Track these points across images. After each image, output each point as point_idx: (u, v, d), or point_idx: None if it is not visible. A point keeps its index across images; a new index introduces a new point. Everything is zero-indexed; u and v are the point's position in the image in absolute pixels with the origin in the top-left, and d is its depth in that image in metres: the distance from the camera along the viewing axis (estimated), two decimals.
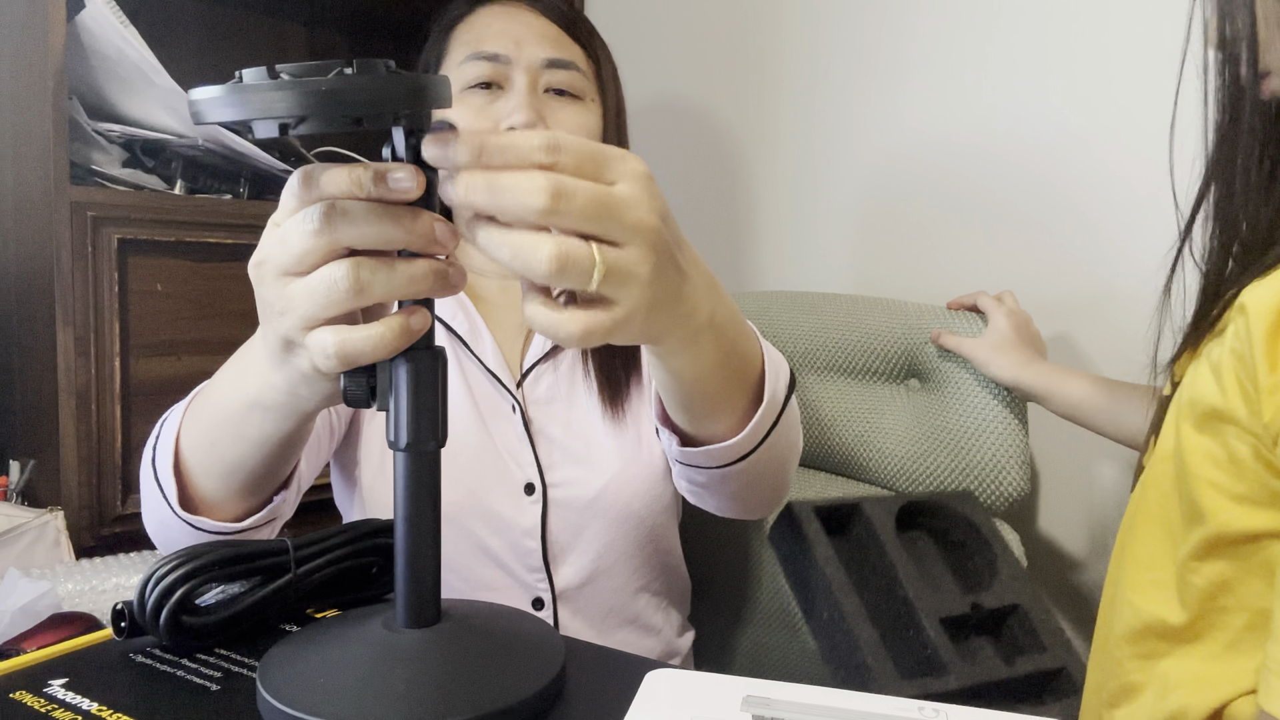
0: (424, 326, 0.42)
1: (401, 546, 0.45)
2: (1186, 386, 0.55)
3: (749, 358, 0.59)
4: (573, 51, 0.87)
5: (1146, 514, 0.58)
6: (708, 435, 0.63)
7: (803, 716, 0.39)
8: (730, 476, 0.66)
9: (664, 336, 0.49)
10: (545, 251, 0.39)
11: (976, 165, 1.11)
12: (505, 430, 0.83)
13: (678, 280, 0.46)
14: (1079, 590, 1.06)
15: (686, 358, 0.52)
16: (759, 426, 0.61)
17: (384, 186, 0.40)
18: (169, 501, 0.60)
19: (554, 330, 0.42)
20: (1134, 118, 0.98)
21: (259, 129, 0.38)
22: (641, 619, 0.88)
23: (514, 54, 0.83)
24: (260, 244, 0.44)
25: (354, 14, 1.50)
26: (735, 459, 0.63)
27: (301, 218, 0.41)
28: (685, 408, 0.60)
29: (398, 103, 0.38)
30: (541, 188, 0.39)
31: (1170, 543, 0.55)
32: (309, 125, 0.37)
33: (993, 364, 0.92)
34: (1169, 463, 0.55)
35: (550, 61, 0.84)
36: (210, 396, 0.58)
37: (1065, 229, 1.04)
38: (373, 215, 0.41)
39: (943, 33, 1.13)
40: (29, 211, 1.02)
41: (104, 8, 0.98)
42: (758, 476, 0.67)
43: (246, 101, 0.37)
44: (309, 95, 0.36)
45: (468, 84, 0.83)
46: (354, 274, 0.41)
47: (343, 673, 0.43)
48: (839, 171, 1.24)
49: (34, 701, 0.44)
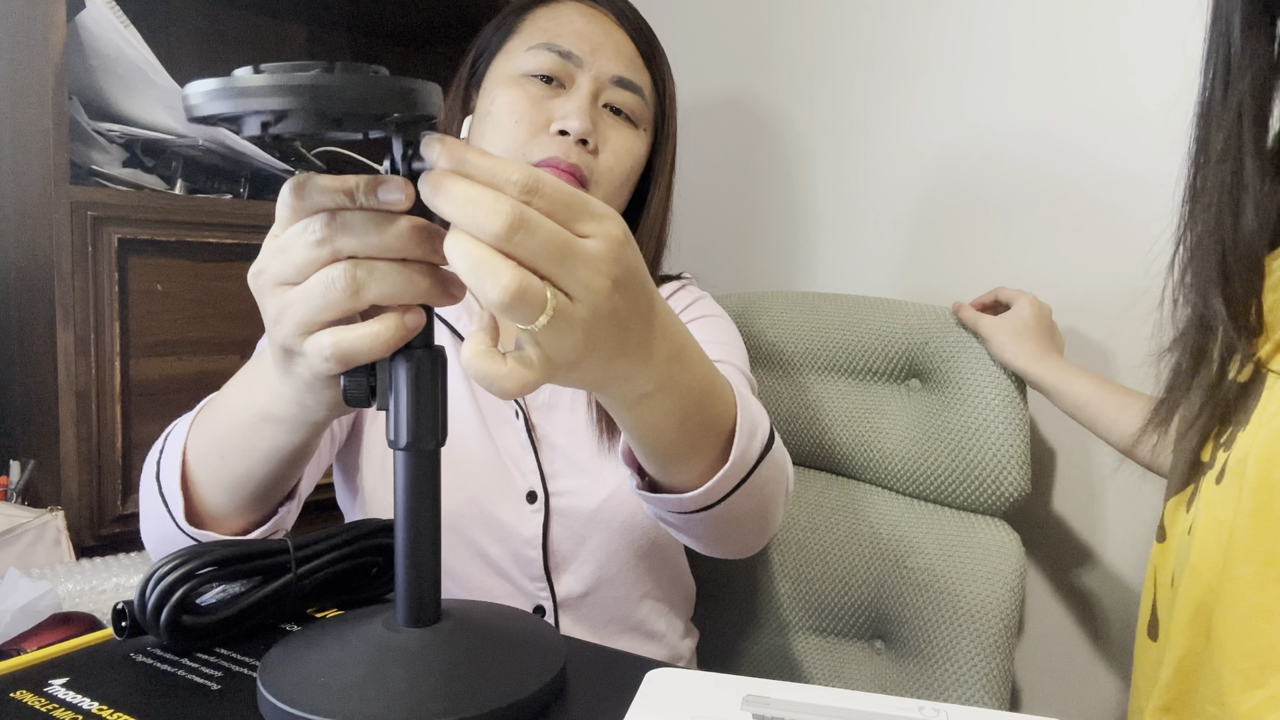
0: (419, 325, 0.42)
1: (401, 546, 0.45)
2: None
3: (715, 420, 0.56)
4: (643, 77, 0.86)
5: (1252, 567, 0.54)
6: (671, 483, 0.60)
7: (803, 716, 0.39)
8: (696, 522, 0.62)
9: (601, 392, 0.48)
10: (505, 278, 0.37)
11: (1006, 164, 1.10)
12: (508, 436, 0.82)
13: (614, 351, 0.44)
14: (1079, 591, 1.06)
15: (631, 415, 0.51)
16: (720, 484, 0.58)
17: (373, 197, 0.40)
18: (174, 516, 0.59)
19: (490, 381, 0.41)
20: (1167, 114, 0.98)
21: (246, 125, 0.38)
22: (644, 626, 0.87)
23: (588, 58, 0.82)
24: (259, 255, 0.44)
25: (355, 15, 1.50)
26: (697, 509, 0.60)
27: (302, 228, 0.41)
28: (643, 455, 0.57)
29: (380, 105, 0.37)
30: (505, 212, 0.37)
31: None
32: (289, 123, 0.37)
33: (1008, 349, 0.91)
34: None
35: (619, 79, 0.83)
36: (220, 408, 0.58)
37: (1088, 227, 1.03)
38: (372, 225, 0.41)
39: (972, 32, 1.12)
40: (29, 211, 1.02)
41: (104, 8, 0.98)
42: (732, 521, 0.63)
43: (232, 96, 0.37)
44: (287, 91, 0.36)
45: (530, 71, 0.82)
46: (351, 274, 0.41)
47: (343, 672, 0.43)
48: (870, 170, 1.24)
49: (34, 701, 0.44)
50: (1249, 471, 0.55)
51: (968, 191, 1.12)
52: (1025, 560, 0.90)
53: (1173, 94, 0.93)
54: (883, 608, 0.96)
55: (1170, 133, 0.96)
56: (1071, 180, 1.03)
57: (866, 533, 0.99)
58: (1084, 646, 1.06)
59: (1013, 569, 0.89)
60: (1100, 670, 1.05)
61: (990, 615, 0.88)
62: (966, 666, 0.88)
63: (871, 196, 1.21)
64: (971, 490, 0.92)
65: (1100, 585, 1.04)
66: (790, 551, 1.04)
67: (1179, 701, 0.60)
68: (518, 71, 0.82)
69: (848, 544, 1.00)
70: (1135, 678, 0.68)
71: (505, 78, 0.83)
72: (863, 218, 1.22)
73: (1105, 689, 1.04)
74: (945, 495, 0.95)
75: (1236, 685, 0.55)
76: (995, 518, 0.93)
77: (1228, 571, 0.56)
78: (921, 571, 0.93)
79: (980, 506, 0.93)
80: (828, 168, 1.25)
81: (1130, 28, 0.98)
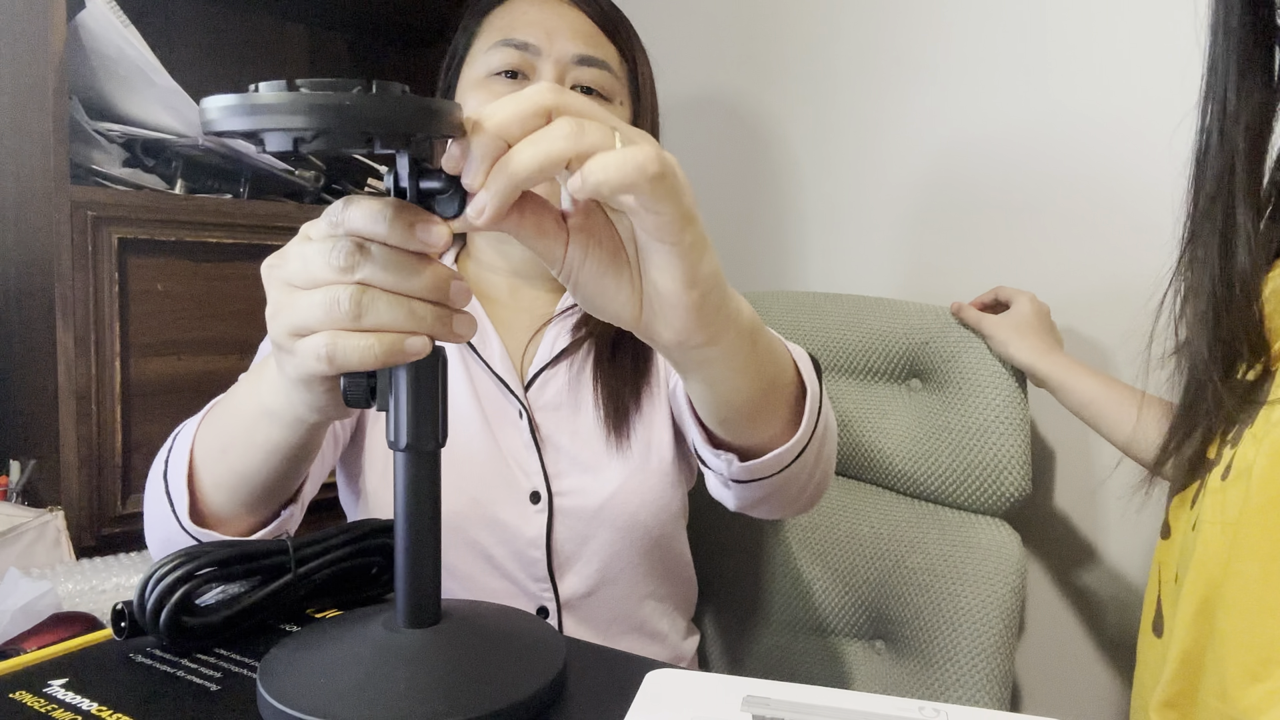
0: (423, 352, 0.42)
1: (401, 546, 0.45)
2: None
3: (780, 364, 0.57)
4: (606, 50, 0.85)
5: (1257, 563, 0.54)
6: (756, 444, 0.60)
7: (803, 716, 0.39)
8: (790, 478, 0.64)
9: (699, 315, 0.45)
10: (647, 151, 0.38)
11: (1003, 164, 1.10)
12: (512, 437, 0.82)
13: (700, 229, 0.43)
14: (1079, 591, 1.06)
15: (707, 373, 0.51)
16: (809, 418, 0.59)
17: (414, 239, 0.41)
18: (178, 515, 0.59)
19: (624, 161, 0.38)
20: (1162, 114, 0.98)
21: (271, 141, 0.38)
22: (647, 626, 0.87)
23: (545, 45, 0.82)
24: (285, 248, 0.45)
25: (356, 15, 1.50)
26: (797, 455, 0.61)
27: (330, 250, 0.42)
28: (724, 417, 0.57)
29: (410, 124, 0.38)
30: (564, 131, 0.38)
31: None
32: (322, 141, 0.37)
33: (1011, 345, 0.91)
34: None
35: (581, 58, 0.83)
36: (228, 404, 0.58)
37: (1086, 227, 1.03)
38: (393, 263, 0.41)
39: (967, 33, 1.12)
40: (29, 211, 1.02)
41: (104, 8, 0.98)
42: (813, 464, 0.65)
43: (262, 113, 0.37)
44: (327, 111, 0.36)
45: (493, 70, 0.82)
46: (357, 300, 0.41)
47: (343, 673, 0.43)
48: (868, 169, 1.24)
49: (34, 701, 0.44)
50: (1256, 468, 0.56)
51: (967, 192, 1.12)
52: (1025, 560, 0.90)
53: (1171, 94, 0.93)
54: (883, 608, 0.96)
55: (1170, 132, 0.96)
56: (1071, 180, 1.03)
57: (867, 533, 0.99)
58: (1084, 646, 1.06)
59: (1013, 569, 0.89)
60: (1100, 670, 1.05)
61: (990, 615, 0.88)
62: (966, 666, 0.88)
63: (870, 197, 1.21)
64: (972, 490, 0.92)
65: (1100, 585, 1.04)
66: (790, 551, 1.04)
67: (1183, 696, 0.60)
68: (482, 74, 0.83)
69: (848, 544, 1.00)
70: (1139, 674, 0.68)
71: (472, 83, 0.84)
72: (862, 218, 1.22)
73: (1105, 689, 1.04)
74: (945, 495, 0.95)
75: (1240, 679, 0.55)
76: (995, 518, 0.93)
77: (1232, 567, 0.56)
78: (922, 571, 0.93)
79: (980, 506, 0.93)
80: (826, 168, 1.25)
81: (1128, 27, 0.98)
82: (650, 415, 0.85)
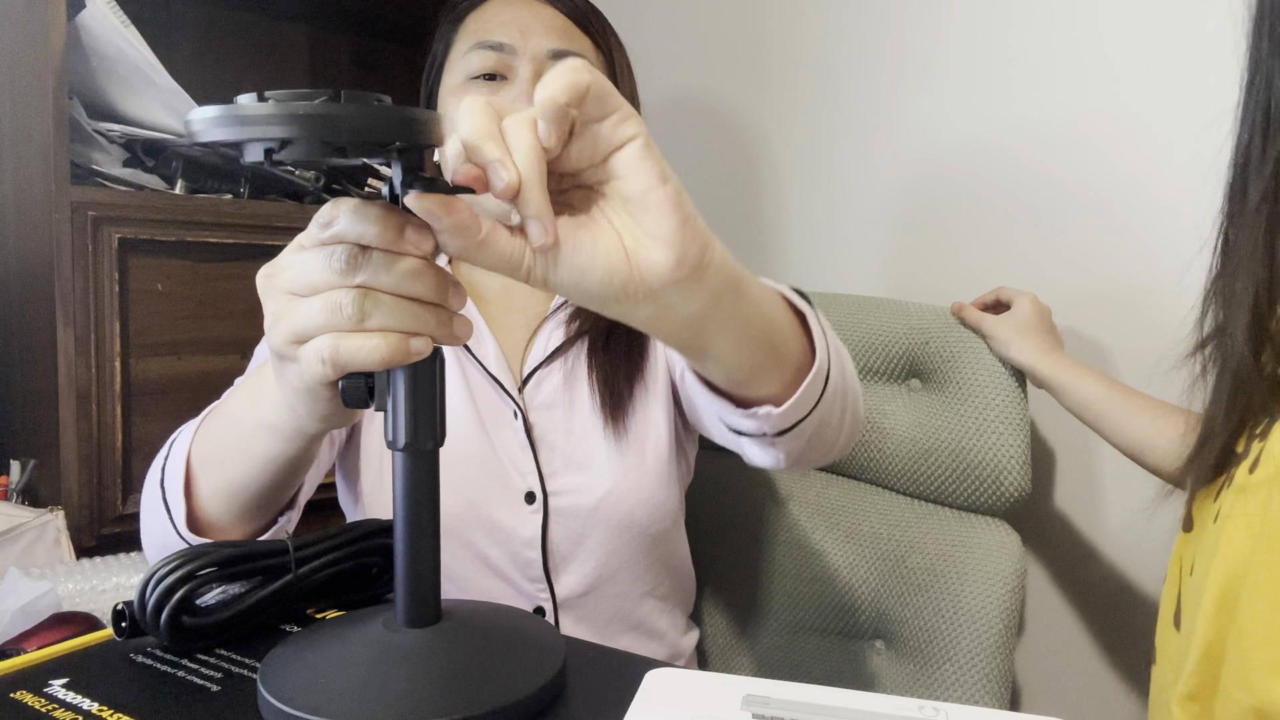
0: (424, 352, 0.42)
1: (401, 546, 0.45)
2: None
3: (779, 316, 0.54)
4: (581, 44, 0.86)
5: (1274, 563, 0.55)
6: (782, 387, 0.57)
7: (802, 716, 0.39)
8: (828, 410, 0.61)
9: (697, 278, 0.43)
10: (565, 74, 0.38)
11: (996, 165, 1.10)
12: (506, 437, 0.82)
13: (681, 191, 0.43)
14: (1079, 591, 1.06)
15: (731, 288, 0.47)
16: (819, 338, 0.57)
17: (406, 243, 0.41)
18: (175, 523, 0.59)
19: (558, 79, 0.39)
20: (1159, 115, 0.98)
21: (248, 152, 0.38)
22: (645, 624, 0.87)
23: (519, 44, 0.82)
24: (278, 258, 0.45)
25: (356, 15, 1.50)
26: (824, 380, 0.59)
27: (327, 255, 0.41)
28: (757, 361, 0.54)
29: (384, 134, 0.37)
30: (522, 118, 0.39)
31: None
32: (293, 150, 0.37)
33: (1012, 345, 0.91)
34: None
35: (556, 53, 0.83)
36: (224, 413, 0.58)
37: (1085, 228, 1.03)
38: (392, 266, 0.41)
39: (961, 33, 1.13)
40: (29, 211, 1.02)
41: (104, 8, 0.98)
42: (843, 390, 0.63)
43: (235, 124, 0.37)
44: (293, 120, 0.36)
45: (471, 74, 0.83)
46: (359, 304, 0.41)
47: (343, 673, 0.43)
48: (859, 171, 1.24)
49: (34, 701, 0.44)
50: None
51: (967, 192, 1.12)
52: (1025, 560, 0.90)
53: (1171, 94, 0.93)
54: (883, 608, 0.96)
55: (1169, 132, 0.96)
56: (1071, 181, 1.03)
57: (867, 533, 0.99)
58: (1084, 646, 1.06)
59: (1013, 569, 0.89)
60: (1100, 670, 1.05)
61: (990, 615, 0.88)
62: (966, 666, 0.88)
63: (870, 197, 1.21)
64: (971, 490, 0.92)
65: (1100, 584, 1.04)
66: (790, 551, 1.04)
67: (1205, 689, 0.61)
68: (461, 79, 0.83)
69: (848, 544, 1.00)
70: (1159, 668, 0.68)
71: (452, 88, 0.84)
72: (862, 218, 1.22)
73: (1105, 689, 1.04)
74: (945, 495, 0.95)
75: (1263, 670, 0.55)
76: (995, 518, 0.93)
77: (1255, 559, 0.57)
78: (921, 571, 0.93)
79: (980, 506, 0.93)
80: (826, 167, 1.25)
81: (1124, 29, 0.98)
82: (646, 411, 0.85)
